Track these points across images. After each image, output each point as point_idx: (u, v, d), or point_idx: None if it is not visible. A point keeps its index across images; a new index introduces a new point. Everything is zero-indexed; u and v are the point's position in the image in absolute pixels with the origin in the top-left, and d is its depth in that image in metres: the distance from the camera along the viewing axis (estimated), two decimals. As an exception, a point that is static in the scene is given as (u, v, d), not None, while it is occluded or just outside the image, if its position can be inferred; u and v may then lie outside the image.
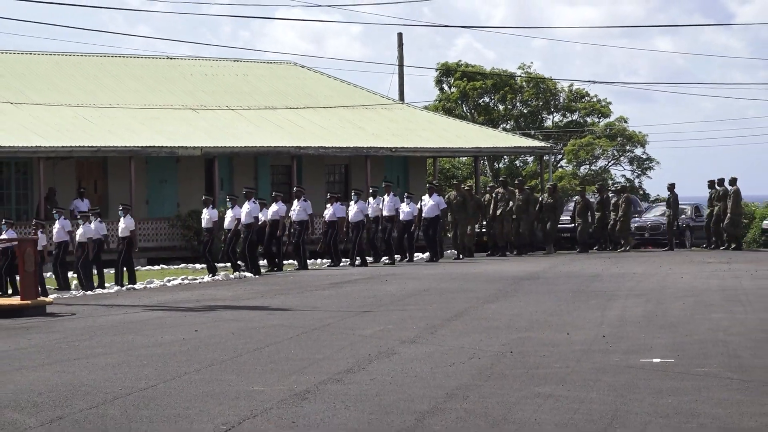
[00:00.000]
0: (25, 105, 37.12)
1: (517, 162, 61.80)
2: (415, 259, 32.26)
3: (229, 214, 29.10)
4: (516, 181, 37.58)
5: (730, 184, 35.07)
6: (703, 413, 9.86)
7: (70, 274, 27.13)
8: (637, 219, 38.25)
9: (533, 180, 52.27)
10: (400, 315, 18.05)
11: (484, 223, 35.42)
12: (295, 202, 30.47)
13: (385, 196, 32.25)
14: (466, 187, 36.37)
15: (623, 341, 14.46)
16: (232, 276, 27.86)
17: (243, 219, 28.79)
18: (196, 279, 27.56)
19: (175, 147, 36.23)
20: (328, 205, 31.58)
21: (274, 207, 29.89)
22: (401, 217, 32.17)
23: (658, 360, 12.87)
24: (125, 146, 35.43)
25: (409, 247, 32.26)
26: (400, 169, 43.02)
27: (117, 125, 37.17)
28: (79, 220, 27.86)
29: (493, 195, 35.25)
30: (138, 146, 35.58)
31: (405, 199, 32.60)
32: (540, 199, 35.81)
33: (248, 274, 28.15)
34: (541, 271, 26.84)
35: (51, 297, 22.98)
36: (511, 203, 34.75)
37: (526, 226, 34.93)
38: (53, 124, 36.02)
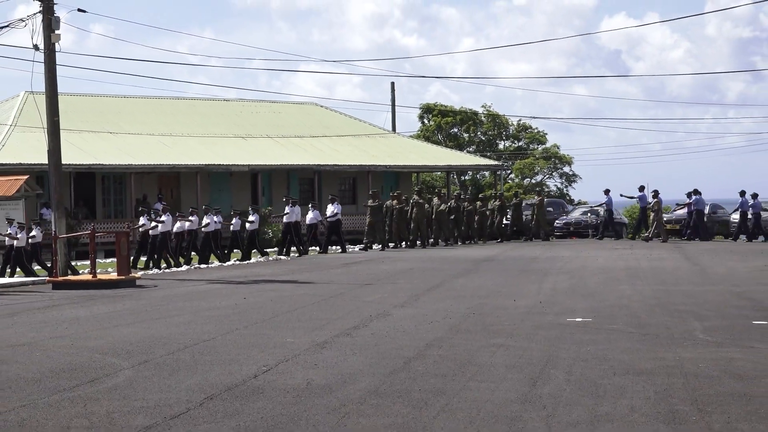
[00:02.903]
0: (120, 134, 37.06)
1: (477, 176, 61.60)
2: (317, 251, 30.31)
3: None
4: (436, 190, 37.05)
5: (537, 195, 36.24)
6: (612, 358, 9.88)
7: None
8: (564, 217, 38.26)
9: (489, 190, 52.20)
10: (392, 287, 18.07)
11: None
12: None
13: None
14: (394, 194, 33.01)
15: (555, 306, 14.48)
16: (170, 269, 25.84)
17: (159, 228, 26.32)
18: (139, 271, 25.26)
19: (229, 165, 36.17)
20: (235, 218, 28.70)
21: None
22: (307, 221, 30.42)
23: (580, 319, 12.90)
24: (193, 164, 35.39)
25: (323, 242, 30.40)
26: (393, 181, 43.01)
27: (187, 148, 37.13)
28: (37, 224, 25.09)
29: (411, 202, 32.61)
30: (202, 164, 35.53)
31: (310, 207, 30.83)
32: (449, 203, 33.41)
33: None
34: (495, 255, 26.84)
35: (140, 273, 22.92)
36: (427, 207, 32.43)
37: (445, 225, 32.94)
38: (141, 147, 35.96)
